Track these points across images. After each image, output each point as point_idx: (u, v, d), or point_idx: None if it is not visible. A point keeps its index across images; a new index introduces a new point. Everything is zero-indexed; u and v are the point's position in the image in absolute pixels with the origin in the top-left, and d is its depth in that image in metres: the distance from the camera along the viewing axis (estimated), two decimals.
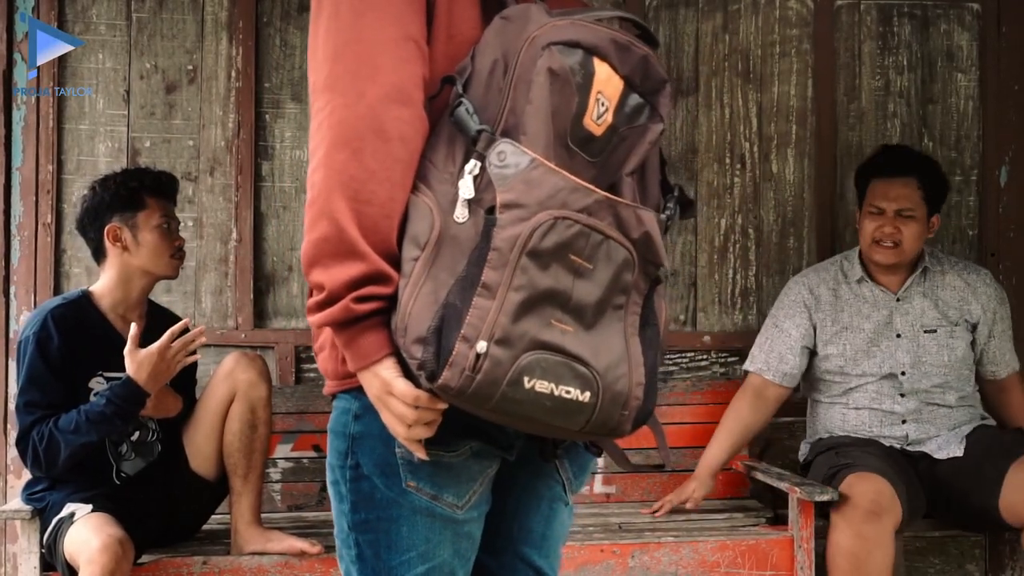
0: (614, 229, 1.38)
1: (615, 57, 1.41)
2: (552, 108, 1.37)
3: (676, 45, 3.77)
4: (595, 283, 1.37)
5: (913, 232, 3.18)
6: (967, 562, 3.80)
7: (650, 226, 1.40)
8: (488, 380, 1.31)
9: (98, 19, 3.57)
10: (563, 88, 1.37)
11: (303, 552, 2.83)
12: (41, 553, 2.79)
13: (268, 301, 3.63)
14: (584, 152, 1.40)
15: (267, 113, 3.63)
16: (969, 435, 3.20)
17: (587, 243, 1.35)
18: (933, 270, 3.28)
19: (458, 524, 1.50)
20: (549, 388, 1.34)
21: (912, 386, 3.21)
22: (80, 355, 2.78)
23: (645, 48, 1.45)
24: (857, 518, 2.90)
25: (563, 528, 1.68)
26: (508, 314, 1.32)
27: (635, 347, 1.40)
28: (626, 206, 1.39)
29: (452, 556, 1.52)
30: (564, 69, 1.37)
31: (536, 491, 1.62)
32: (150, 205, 2.89)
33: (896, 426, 3.22)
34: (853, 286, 3.28)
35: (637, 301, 1.42)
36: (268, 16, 3.63)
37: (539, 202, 1.33)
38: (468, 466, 1.48)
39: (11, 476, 3.43)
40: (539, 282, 1.33)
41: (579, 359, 1.35)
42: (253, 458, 2.89)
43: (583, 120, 1.39)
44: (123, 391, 2.69)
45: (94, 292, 2.90)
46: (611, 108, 1.41)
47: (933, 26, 3.86)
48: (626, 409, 1.39)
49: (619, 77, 1.42)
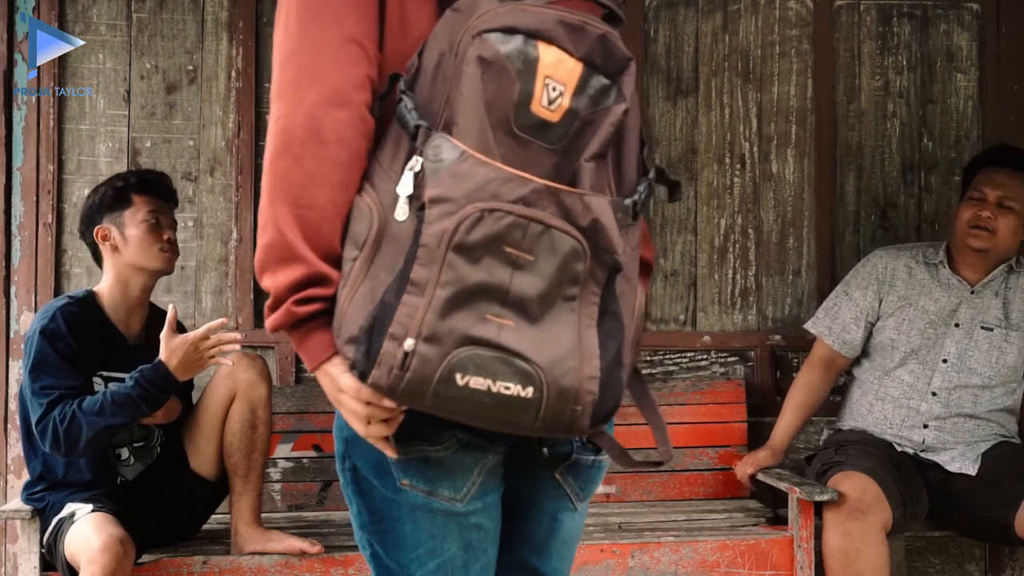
0: (557, 218, 1.32)
1: (565, 39, 1.36)
2: (488, 98, 1.33)
3: (676, 45, 3.77)
4: (537, 275, 1.32)
5: (1009, 224, 3.16)
6: (967, 562, 3.81)
7: (599, 212, 1.34)
8: (417, 378, 1.29)
9: (98, 19, 3.58)
10: (499, 76, 1.33)
11: (303, 552, 2.84)
12: (41, 553, 2.79)
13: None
14: (540, 139, 1.35)
15: (267, 113, 3.62)
16: (987, 452, 3.17)
17: (525, 234, 1.31)
18: (1017, 271, 3.25)
19: (461, 516, 1.48)
20: (486, 384, 1.30)
21: (948, 382, 3.17)
22: (85, 352, 2.78)
23: (603, 27, 1.38)
24: (843, 516, 2.94)
25: (570, 533, 1.64)
26: (436, 311, 1.29)
27: (590, 339, 1.33)
28: (570, 193, 1.33)
29: (461, 549, 1.50)
30: (498, 56, 1.33)
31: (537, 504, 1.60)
32: (136, 202, 2.89)
33: (916, 429, 3.21)
34: (932, 268, 3.27)
35: (595, 291, 1.35)
36: (268, 16, 3.63)
37: (467, 195, 1.30)
38: (460, 459, 1.45)
39: (11, 476, 3.43)
40: (469, 277, 1.30)
41: (518, 354, 1.30)
42: (253, 458, 2.89)
43: (530, 106, 1.34)
44: (152, 374, 2.68)
45: (98, 292, 2.91)
46: (568, 92, 1.36)
47: (933, 26, 3.86)
48: (578, 404, 1.33)
49: (575, 59, 1.36)
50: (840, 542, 2.92)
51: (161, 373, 2.68)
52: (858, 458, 3.11)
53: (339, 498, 3.43)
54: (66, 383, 2.71)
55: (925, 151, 3.86)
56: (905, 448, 3.22)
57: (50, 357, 2.72)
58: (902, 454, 3.21)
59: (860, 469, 3.04)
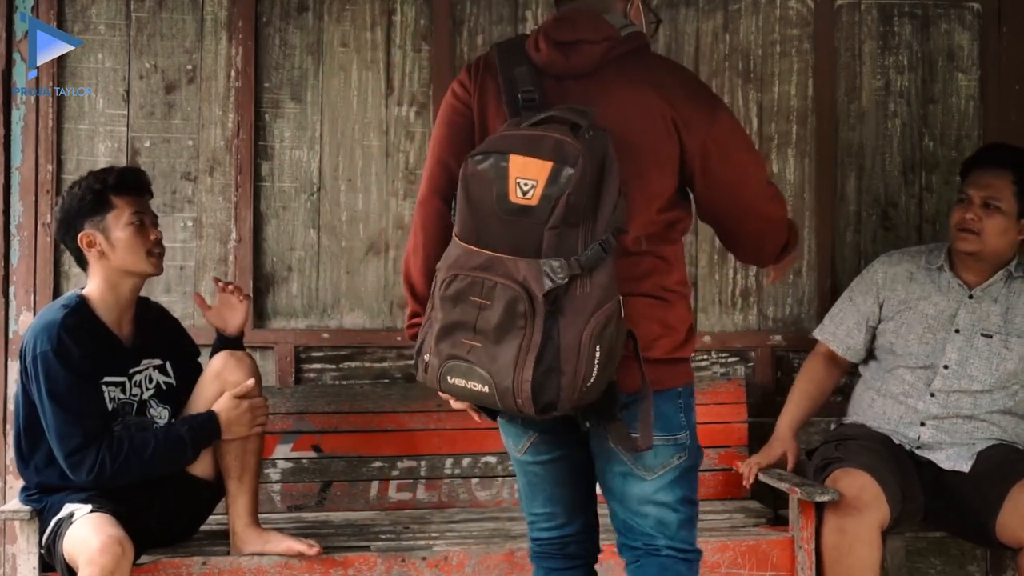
0: (501, 276, 1.97)
1: (529, 149, 1.96)
2: (474, 199, 2.00)
3: (676, 45, 3.77)
4: (494, 312, 1.97)
5: (996, 225, 3.15)
6: (968, 563, 3.80)
7: (526, 272, 1.95)
8: (430, 377, 2.07)
9: (97, 19, 3.57)
10: (480, 183, 1.99)
11: (301, 554, 2.83)
12: (40, 554, 2.78)
13: (268, 301, 3.62)
14: (525, 218, 1.96)
15: (267, 113, 3.63)
16: (982, 451, 3.17)
17: (482, 287, 1.98)
18: (1017, 276, 3.24)
19: (524, 463, 2.33)
20: (462, 383, 2.02)
21: (948, 385, 3.18)
22: (91, 363, 2.78)
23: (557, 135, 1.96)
24: (839, 513, 2.96)
25: (643, 494, 2.21)
26: (434, 337, 2.04)
27: (529, 355, 1.94)
28: (508, 259, 1.97)
29: (526, 484, 2.37)
30: (476, 172, 2.00)
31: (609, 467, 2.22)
32: (117, 204, 2.85)
33: (913, 426, 3.21)
34: (932, 272, 3.27)
35: (537, 324, 1.95)
36: (268, 16, 3.62)
37: (447, 266, 2.03)
38: (514, 427, 2.28)
39: (10, 476, 3.43)
40: (450, 316, 2.02)
41: (478, 365, 1.99)
42: (246, 459, 2.88)
43: (509, 198, 1.96)
44: (206, 423, 2.83)
45: (88, 297, 2.87)
46: (540, 183, 1.94)
47: (934, 26, 3.86)
48: (519, 397, 1.96)
49: (542, 160, 1.95)
50: (834, 538, 2.96)
51: (213, 424, 2.82)
52: (858, 454, 3.11)
53: (338, 499, 3.43)
54: (93, 409, 2.76)
55: (926, 151, 3.85)
56: (902, 443, 3.23)
57: (68, 381, 2.73)
58: (899, 448, 3.21)
59: (860, 466, 3.05)
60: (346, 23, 3.66)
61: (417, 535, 3.13)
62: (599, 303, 1.97)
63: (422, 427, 3.48)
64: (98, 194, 2.84)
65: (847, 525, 2.95)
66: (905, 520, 3.13)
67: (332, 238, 3.65)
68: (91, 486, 2.74)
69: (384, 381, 3.63)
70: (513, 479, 3.50)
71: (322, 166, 3.65)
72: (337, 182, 3.65)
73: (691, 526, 2.28)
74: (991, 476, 3.09)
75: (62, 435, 2.72)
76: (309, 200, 3.64)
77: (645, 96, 2.12)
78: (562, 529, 2.38)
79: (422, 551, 2.96)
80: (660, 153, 2.13)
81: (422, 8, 3.67)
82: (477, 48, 3.68)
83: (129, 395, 2.87)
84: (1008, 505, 3.01)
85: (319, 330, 3.62)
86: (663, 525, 2.23)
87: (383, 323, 3.66)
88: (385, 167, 3.67)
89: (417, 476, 3.48)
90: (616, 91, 2.12)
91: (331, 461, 3.44)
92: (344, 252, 3.65)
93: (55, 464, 2.77)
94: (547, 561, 2.41)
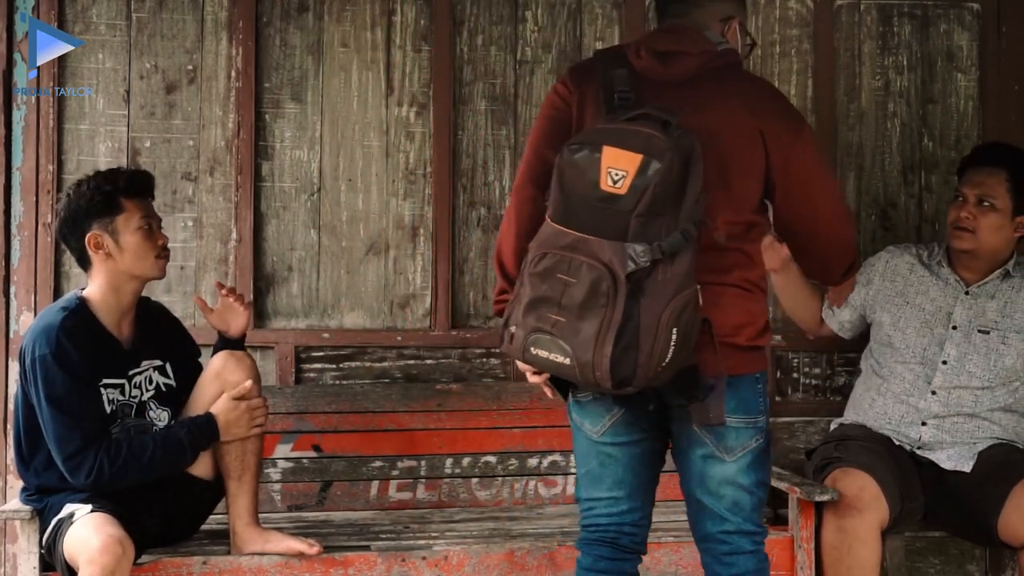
0: (587, 256, 2.11)
1: (620, 142, 2.12)
2: (568, 186, 2.16)
3: None
4: (579, 289, 2.11)
5: (991, 223, 3.17)
6: (967, 562, 3.80)
7: (612, 253, 2.10)
8: (516, 347, 2.21)
9: (98, 19, 3.57)
10: (573, 171, 2.15)
11: (301, 553, 2.84)
12: (40, 554, 2.79)
13: (268, 301, 3.63)
14: (613, 206, 2.11)
15: (267, 113, 3.63)
16: (983, 451, 3.18)
17: (568, 266, 2.13)
18: (1015, 275, 3.26)
19: (599, 445, 2.41)
20: (545, 354, 2.17)
21: (948, 382, 3.19)
22: (90, 366, 2.78)
23: (651, 130, 2.12)
24: (839, 512, 2.98)
25: (724, 476, 2.35)
26: (521, 310, 2.19)
27: (606, 335, 2.09)
28: (594, 241, 2.12)
29: (598, 466, 2.43)
30: (571, 160, 2.16)
31: (691, 449, 2.36)
32: (127, 208, 2.83)
33: (914, 426, 3.22)
34: (932, 267, 3.29)
35: (618, 303, 2.09)
36: (268, 16, 3.63)
37: (539, 244, 2.20)
38: (596, 406, 2.38)
39: (11, 476, 3.43)
40: (537, 291, 2.17)
41: (561, 338, 2.13)
42: (246, 459, 2.88)
43: (600, 186, 2.12)
44: (204, 425, 2.83)
45: (88, 299, 2.86)
46: (630, 174, 2.09)
47: (933, 26, 3.86)
48: (597, 371, 2.10)
49: (632, 153, 2.10)
50: (834, 538, 2.98)
51: (212, 426, 2.82)
52: (858, 454, 3.12)
53: (339, 498, 3.43)
54: (92, 412, 2.76)
55: (925, 151, 3.86)
56: (903, 443, 3.23)
57: (66, 384, 2.72)
58: (899, 448, 3.22)
59: (859, 466, 3.06)
60: (346, 23, 3.66)
61: (417, 535, 3.13)
62: (678, 289, 2.11)
63: (422, 427, 3.48)
64: (108, 196, 2.82)
65: (847, 525, 2.96)
66: (905, 520, 3.13)
67: (332, 238, 3.65)
68: (89, 489, 2.74)
69: (384, 381, 3.63)
70: (513, 479, 3.51)
71: (322, 166, 3.65)
72: (337, 182, 3.65)
73: (762, 508, 2.44)
74: (993, 476, 3.09)
75: (60, 438, 2.72)
76: (309, 200, 3.65)
77: (735, 108, 2.30)
78: (621, 516, 2.45)
79: (422, 551, 2.96)
80: (745, 162, 2.31)
81: (422, 8, 3.68)
82: (477, 48, 3.69)
83: (128, 397, 2.87)
84: (1010, 504, 3.02)
85: (319, 330, 3.62)
86: (738, 507, 2.37)
87: (383, 323, 3.66)
88: (385, 167, 3.68)
89: (417, 476, 3.48)
90: (709, 101, 2.29)
91: (331, 461, 3.44)
92: (344, 252, 3.65)
93: (55, 467, 2.76)
94: (599, 548, 2.46)
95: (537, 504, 3.52)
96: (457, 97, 3.68)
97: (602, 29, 3.75)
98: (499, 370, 3.68)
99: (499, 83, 3.71)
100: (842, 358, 3.79)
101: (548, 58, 3.73)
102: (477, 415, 3.52)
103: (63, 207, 2.87)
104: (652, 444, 2.43)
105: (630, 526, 2.46)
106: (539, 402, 3.53)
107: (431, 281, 3.66)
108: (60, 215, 2.88)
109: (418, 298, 3.68)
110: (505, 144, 3.71)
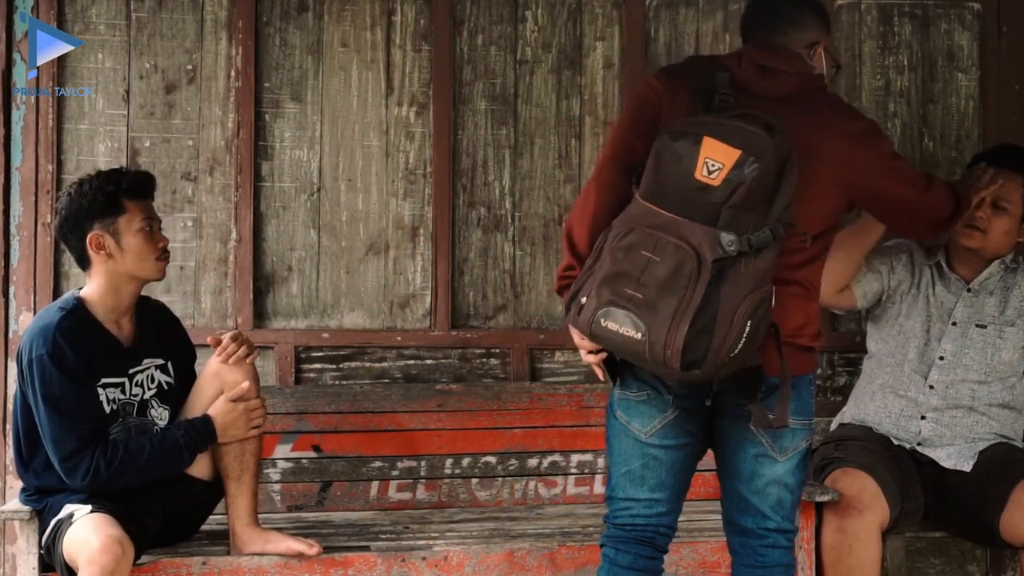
0: (676, 237, 2.16)
1: (722, 135, 2.17)
2: (663, 170, 2.21)
3: (676, 45, 3.77)
4: (662, 268, 2.15)
5: (1003, 225, 3.18)
6: (968, 563, 3.80)
7: (702, 237, 2.14)
8: (583, 318, 2.22)
9: (98, 19, 3.57)
10: (670, 156, 2.20)
11: (301, 554, 2.83)
12: (40, 554, 2.78)
13: (268, 301, 3.63)
14: (704, 195, 2.16)
15: (267, 113, 3.63)
16: (984, 451, 3.18)
17: (655, 243, 2.17)
18: (1012, 269, 3.27)
19: (645, 445, 2.43)
20: (615, 327, 2.18)
21: (945, 376, 3.19)
22: (88, 366, 2.78)
23: (755, 129, 2.18)
24: (839, 513, 2.98)
25: (773, 475, 2.41)
26: (596, 283, 2.21)
27: (683, 315, 2.12)
28: (685, 223, 2.16)
29: (641, 467, 2.44)
30: (670, 147, 2.21)
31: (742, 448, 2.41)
32: (129, 209, 2.83)
33: (914, 420, 3.22)
34: (931, 266, 3.29)
35: (700, 288, 2.13)
36: (268, 16, 3.62)
37: (626, 220, 2.23)
38: (648, 407, 2.41)
39: (10, 476, 3.43)
40: (618, 265, 2.19)
41: (636, 313, 2.15)
42: (245, 460, 2.88)
43: (694, 175, 2.17)
44: (202, 426, 2.82)
45: (87, 299, 2.86)
46: (726, 167, 2.15)
47: (934, 26, 3.86)
48: (669, 350, 2.12)
49: (732, 147, 2.15)
50: (834, 538, 2.98)
51: (209, 428, 2.82)
52: (858, 455, 3.13)
53: (338, 499, 3.43)
54: (88, 413, 2.75)
55: (926, 151, 3.85)
56: (902, 442, 3.23)
57: (63, 385, 2.72)
58: (899, 448, 3.22)
59: (859, 466, 3.07)
60: (346, 23, 3.66)
61: (417, 535, 3.13)
62: (757, 284, 2.18)
63: (422, 427, 3.48)
64: (111, 196, 2.82)
65: (847, 525, 2.96)
66: (905, 520, 3.13)
67: (332, 238, 3.65)
68: (86, 490, 2.73)
69: (384, 381, 3.63)
70: (514, 479, 3.50)
71: (322, 166, 3.65)
72: (337, 182, 3.65)
73: (798, 507, 2.56)
74: (994, 475, 3.09)
75: (57, 439, 2.72)
76: (309, 200, 3.64)
77: (824, 129, 2.39)
78: (659, 518, 2.49)
79: (422, 551, 2.96)
80: (831, 178, 2.39)
81: (422, 8, 3.68)
82: (477, 48, 3.69)
83: (130, 395, 2.86)
84: (1012, 503, 3.02)
85: (319, 330, 3.62)
86: (780, 505, 2.44)
87: (383, 323, 3.66)
88: (385, 167, 3.67)
89: (417, 476, 3.48)
90: (801, 118, 2.35)
91: (331, 461, 3.44)
92: (344, 252, 3.65)
93: (54, 468, 2.76)
94: (637, 547, 2.49)
95: (537, 504, 3.52)
96: (457, 97, 3.68)
97: (602, 29, 3.75)
98: (499, 370, 3.68)
99: (499, 83, 3.71)
100: (842, 358, 3.79)
101: (548, 58, 3.73)
102: (477, 415, 3.52)
103: (64, 206, 2.85)
104: (695, 448, 2.49)
105: (666, 527, 2.51)
106: (539, 402, 3.53)
107: (431, 281, 3.66)
108: (61, 214, 2.87)
109: (418, 298, 3.68)
110: (505, 144, 3.71)
